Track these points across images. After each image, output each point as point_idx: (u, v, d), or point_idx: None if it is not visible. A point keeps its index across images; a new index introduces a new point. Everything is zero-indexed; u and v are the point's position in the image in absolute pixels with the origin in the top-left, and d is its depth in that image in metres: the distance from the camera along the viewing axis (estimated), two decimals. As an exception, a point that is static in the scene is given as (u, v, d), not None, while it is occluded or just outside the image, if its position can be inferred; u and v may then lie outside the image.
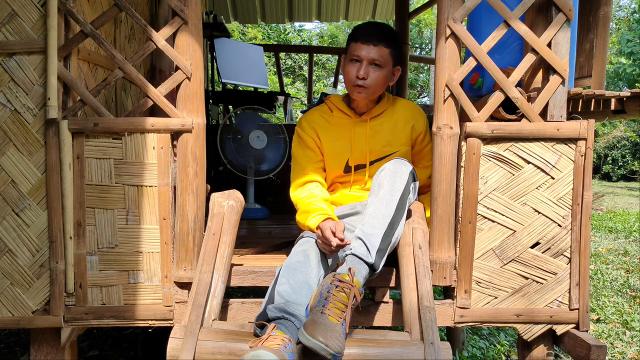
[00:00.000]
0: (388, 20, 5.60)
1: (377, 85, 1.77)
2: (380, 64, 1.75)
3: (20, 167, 1.68)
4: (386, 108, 1.86)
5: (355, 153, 1.84)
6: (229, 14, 5.28)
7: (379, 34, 1.74)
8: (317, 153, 1.87)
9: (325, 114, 1.89)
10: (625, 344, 2.87)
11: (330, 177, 1.88)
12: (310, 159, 1.86)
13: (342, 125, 1.86)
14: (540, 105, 1.67)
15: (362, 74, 1.73)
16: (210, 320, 1.50)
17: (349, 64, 1.78)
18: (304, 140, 1.87)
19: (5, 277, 1.69)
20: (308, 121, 1.88)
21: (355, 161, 1.85)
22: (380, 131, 1.83)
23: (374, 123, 1.84)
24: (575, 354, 1.67)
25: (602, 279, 4.13)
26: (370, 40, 1.73)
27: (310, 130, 1.87)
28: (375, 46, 1.73)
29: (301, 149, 1.87)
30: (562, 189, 1.69)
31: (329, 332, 1.27)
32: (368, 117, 1.84)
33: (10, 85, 1.66)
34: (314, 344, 1.26)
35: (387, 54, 1.75)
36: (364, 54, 1.73)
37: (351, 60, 1.77)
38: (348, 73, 1.77)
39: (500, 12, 1.65)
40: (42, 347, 1.73)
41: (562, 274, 1.71)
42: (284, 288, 1.48)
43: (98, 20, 1.69)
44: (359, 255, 1.49)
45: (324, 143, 1.86)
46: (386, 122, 1.84)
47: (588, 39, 2.15)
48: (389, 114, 1.85)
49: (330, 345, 1.25)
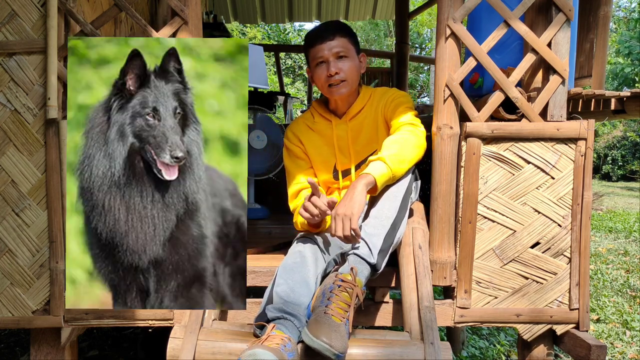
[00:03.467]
0: (388, 20, 5.59)
1: (352, 75, 1.74)
2: (345, 54, 1.73)
3: (20, 167, 1.68)
4: (365, 104, 1.81)
5: (341, 157, 1.82)
6: (229, 14, 5.29)
7: (332, 27, 1.74)
8: (307, 160, 1.85)
9: (308, 121, 1.88)
10: (625, 344, 2.87)
11: (321, 182, 1.86)
12: (301, 167, 1.84)
13: (325, 131, 1.84)
14: (540, 105, 1.67)
15: (333, 70, 1.71)
16: (210, 320, 1.51)
17: (317, 69, 1.75)
18: (291, 151, 1.86)
19: (5, 277, 1.69)
20: (293, 131, 1.87)
21: (342, 165, 1.82)
22: (361, 130, 1.80)
23: (354, 123, 1.81)
24: (575, 354, 1.67)
25: (602, 279, 4.14)
26: (326, 36, 1.72)
27: (296, 140, 1.85)
28: (333, 40, 1.72)
29: (291, 159, 1.86)
30: (562, 188, 1.69)
31: (333, 332, 1.27)
32: (347, 119, 1.81)
33: (10, 85, 1.66)
34: (318, 345, 1.26)
35: (346, 43, 1.74)
36: (326, 52, 1.72)
37: (317, 65, 1.75)
38: (319, 77, 1.75)
39: (500, 12, 1.65)
40: (42, 347, 1.74)
41: (562, 274, 1.71)
42: (282, 289, 1.48)
43: (98, 20, 1.70)
44: (361, 255, 1.49)
45: (309, 151, 1.84)
46: (367, 118, 1.80)
47: (588, 39, 2.15)
48: (369, 109, 1.81)
49: (334, 346, 1.26)
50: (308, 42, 1.76)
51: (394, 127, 1.70)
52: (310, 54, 1.76)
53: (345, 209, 1.48)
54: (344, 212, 1.48)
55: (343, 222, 1.48)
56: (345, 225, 1.47)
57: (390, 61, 4.98)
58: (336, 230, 1.49)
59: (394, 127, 1.70)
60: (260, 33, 13.90)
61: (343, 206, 1.49)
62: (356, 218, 1.47)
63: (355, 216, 1.47)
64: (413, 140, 1.62)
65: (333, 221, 1.50)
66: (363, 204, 1.50)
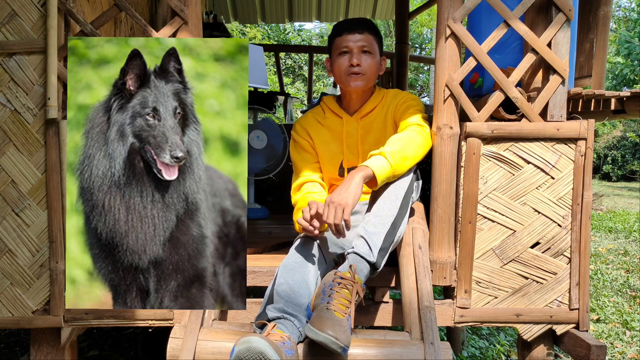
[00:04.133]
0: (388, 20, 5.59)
1: (372, 71, 1.76)
2: (369, 50, 1.75)
3: (20, 167, 1.68)
4: (377, 104, 1.83)
5: (348, 154, 1.83)
6: (229, 14, 5.28)
7: (362, 23, 1.77)
8: (314, 155, 1.87)
9: (318, 116, 1.89)
10: (625, 344, 2.87)
11: (326, 178, 1.87)
12: (307, 160, 1.85)
13: (335, 127, 1.85)
14: (540, 105, 1.67)
15: (356, 61, 1.73)
16: (210, 320, 1.51)
17: (339, 58, 1.77)
18: (299, 144, 1.87)
19: (5, 277, 1.69)
20: (302, 124, 1.88)
21: (348, 163, 1.83)
22: (371, 130, 1.82)
23: (365, 122, 1.82)
24: (575, 354, 1.67)
25: (602, 279, 4.14)
26: (356, 29, 1.74)
27: (304, 133, 1.86)
28: (362, 34, 1.74)
29: (297, 152, 1.87)
30: (562, 188, 1.69)
31: (337, 326, 1.27)
32: (359, 117, 1.82)
33: (10, 85, 1.66)
34: (324, 338, 1.26)
35: (373, 40, 1.76)
36: (352, 43, 1.74)
37: (340, 54, 1.76)
38: (340, 66, 1.76)
39: (500, 12, 1.65)
40: (42, 347, 1.74)
41: (562, 274, 1.71)
42: (282, 288, 1.48)
43: (98, 20, 1.70)
44: (361, 254, 1.49)
45: (317, 145, 1.85)
46: (377, 118, 1.82)
47: (588, 39, 2.15)
48: (380, 110, 1.83)
49: (339, 339, 1.25)
50: (336, 31, 1.78)
51: (402, 127, 1.71)
52: (336, 42, 1.78)
53: (339, 198, 1.48)
54: (338, 200, 1.47)
55: (336, 210, 1.47)
56: (338, 214, 1.47)
57: (391, 61, 4.98)
58: (328, 217, 1.48)
59: (402, 127, 1.71)
60: (260, 33, 13.89)
61: (338, 195, 1.49)
62: (349, 209, 1.47)
63: (349, 207, 1.47)
64: (418, 139, 1.62)
65: (326, 207, 1.50)
66: (358, 195, 1.50)
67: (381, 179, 1.54)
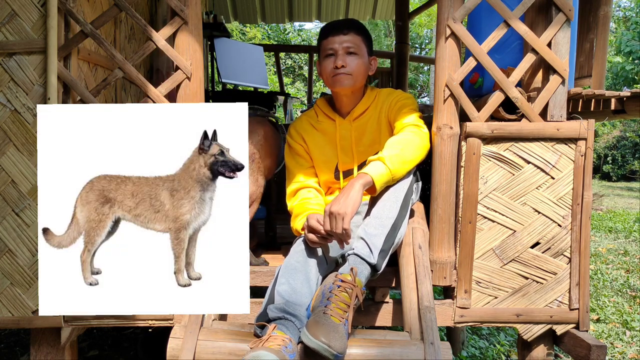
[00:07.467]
0: (388, 20, 5.59)
1: (359, 72, 1.74)
2: (355, 51, 1.73)
3: (20, 167, 1.68)
4: (369, 105, 1.81)
5: (343, 157, 1.82)
6: (229, 14, 5.29)
7: (347, 23, 1.76)
8: (308, 159, 1.85)
9: (312, 120, 1.88)
10: (625, 344, 2.87)
11: (322, 182, 1.86)
12: (302, 165, 1.84)
13: (328, 130, 1.83)
14: (540, 105, 1.67)
15: (340, 63, 1.71)
16: (210, 320, 1.51)
17: (325, 60, 1.76)
18: (293, 149, 1.86)
19: (5, 277, 1.69)
20: (296, 128, 1.87)
21: (343, 166, 1.82)
22: (365, 131, 1.80)
23: (358, 124, 1.81)
24: (575, 354, 1.67)
25: (602, 279, 4.14)
26: (340, 30, 1.73)
27: (298, 138, 1.85)
28: (346, 34, 1.73)
29: (292, 157, 1.86)
30: (562, 188, 1.69)
31: (332, 332, 1.27)
32: (352, 119, 1.81)
33: (10, 85, 1.66)
34: (317, 345, 1.26)
35: (359, 40, 1.75)
36: (337, 45, 1.73)
37: (326, 56, 1.76)
38: (325, 68, 1.76)
39: (500, 12, 1.65)
40: (42, 347, 1.74)
41: (562, 274, 1.71)
42: (284, 288, 1.48)
43: (98, 20, 1.70)
44: (362, 256, 1.48)
45: (311, 149, 1.84)
46: (371, 119, 1.80)
47: (588, 39, 2.15)
48: (374, 110, 1.81)
49: (332, 346, 1.26)
50: (322, 33, 1.78)
51: (398, 128, 1.70)
52: (322, 45, 1.77)
53: (339, 207, 1.47)
54: (337, 210, 1.47)
55: (336, 220, 1.47)
56: (338, 224, 1.47)
57: (390, 61, 4.98)
58: (328, 227, 1.49)
59: (398, 128, 1.70)
60: (260, 33, 13.89)
61: (337, 204, 1.48)
62: (349, 218, 1.47)
63: (348, 216, 1.47)
64: (416, 141, 1.62)
65: (326, 217, 1.50)
66: (358, 204, 1.50)
67: (380, 185, 1.54)
